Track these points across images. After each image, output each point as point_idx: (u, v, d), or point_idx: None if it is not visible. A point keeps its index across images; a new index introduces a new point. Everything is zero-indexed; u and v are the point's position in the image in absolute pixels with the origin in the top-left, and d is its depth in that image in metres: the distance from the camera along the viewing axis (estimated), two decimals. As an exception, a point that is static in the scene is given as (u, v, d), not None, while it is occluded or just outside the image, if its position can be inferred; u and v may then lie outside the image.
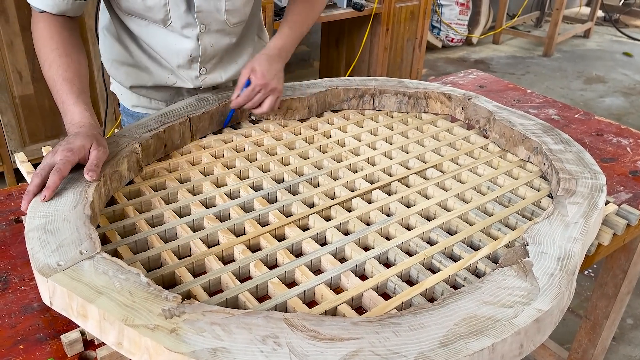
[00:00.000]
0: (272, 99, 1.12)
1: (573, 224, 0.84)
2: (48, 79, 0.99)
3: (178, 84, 1.21)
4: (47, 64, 0.98)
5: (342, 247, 0.84)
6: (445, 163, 1.09)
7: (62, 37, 1.01)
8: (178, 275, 0.77)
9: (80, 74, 0.99)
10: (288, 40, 1.18)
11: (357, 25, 3.29)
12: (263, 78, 1.10)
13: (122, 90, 1.30)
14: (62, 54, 0.99)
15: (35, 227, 0.77)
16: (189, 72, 1.19)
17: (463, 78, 1.66)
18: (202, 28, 1.13)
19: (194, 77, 1.20)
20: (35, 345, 0.69)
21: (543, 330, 0.69)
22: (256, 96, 1.11)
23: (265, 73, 1.10)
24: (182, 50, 1.15)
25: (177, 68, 1.18)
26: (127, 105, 1.31)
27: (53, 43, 0.99)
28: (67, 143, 0.86)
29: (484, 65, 4.69)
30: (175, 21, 1.10)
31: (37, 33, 1.02)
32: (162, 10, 1.08)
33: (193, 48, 1.15)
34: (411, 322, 0.65)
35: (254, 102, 1.12)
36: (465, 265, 0.81)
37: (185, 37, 1.13)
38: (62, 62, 0.98)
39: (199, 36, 1.13)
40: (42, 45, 1.00)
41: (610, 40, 5.63)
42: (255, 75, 1.10)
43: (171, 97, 1.28)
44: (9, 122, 2.38)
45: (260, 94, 1.11)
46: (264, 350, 0.60)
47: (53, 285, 0.68)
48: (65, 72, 0.97)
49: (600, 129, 1.37)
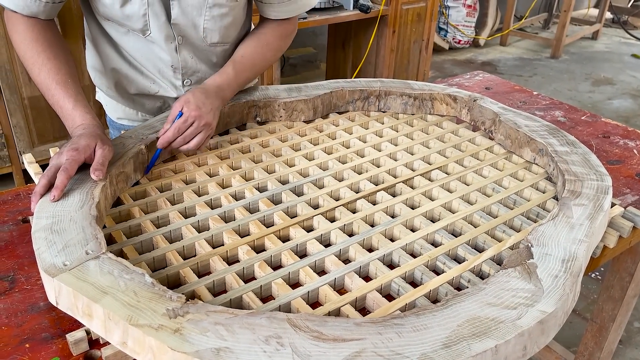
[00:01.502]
0: (203, 136, 1.00)
1: (578, 226, 0.84)
2: (40, 84, 0.97)
3: (160, 92, 1.17)
4: (37, 69, 0.96)
5: (347, 248, 0.84)
6: (450, 165, 1.09)
7: (46, 38, 0.98)
8: (183, 275, 0.78)
9: (72, 74, 0.97)
10: (228, 81, 1.07)
11: (364, 27, 3.29)
12: (197, 110, 0.99)
13: (107, 101, 1.26)
14: (50, 57, 0.96)
15: (42, 227, 0.77)
16: (172, 81, 1.16)
17: (469, 80, 1.66)
18: (179, 40, 1.09)
19: (178, 85, 1.16)
20: (41, 344, 0.70)
21: (547, 332, 0.69)
22: (188, 130, 0.99)
23: (200, 105, 0.99)
24: (163, 60, 1.11)
25: (159, 77, 1.15)
26: (113, 117, 1.28)
27: (38, 46, 0.97)
28: (72, 143, 0.87)
29: (491, 67, 4.68)
30: (155, 32, 1.06)
31: (18, 36, 0.98)
32: (141, 20, 1.04)
33: (173, 59, 1.11)
34: (414, 323, 0.65)
35: (185, 136, 0.99)
36: (469, 267, 0.81)
37: (165, 48, 1.09)
38: (52, 66, 0.96)
39: (177, 48, 1.10)
40: (26, 48, 0.97)
41: (619, 42, 5.60)
42: (188, 107, 0.99)
43: (158, 109, 1.24)
44: (17, 123, 2.40)
45: (192, 127, 0.98)
46: (267, 351, 0.60)
47: (59, 285, 0.68)
48: (57, 75, 0.95)
49: (607, 131, 1.37)
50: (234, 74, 1.09)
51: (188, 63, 1.13)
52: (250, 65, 1.12)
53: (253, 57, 1.13)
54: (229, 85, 1.08)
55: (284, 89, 1.26)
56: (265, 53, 1.15)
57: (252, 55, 1.12)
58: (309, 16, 2.84)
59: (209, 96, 1.03)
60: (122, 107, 1.24)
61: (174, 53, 1.10)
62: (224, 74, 1.08)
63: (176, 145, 1.00)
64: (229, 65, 1.10)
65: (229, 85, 1.08)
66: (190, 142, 0.99)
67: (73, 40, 2.37)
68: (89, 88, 1.31)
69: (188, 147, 1.00)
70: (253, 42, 1.14)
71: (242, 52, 1.12)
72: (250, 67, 1.12)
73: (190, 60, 1.13)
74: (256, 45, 1.14)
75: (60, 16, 2.28)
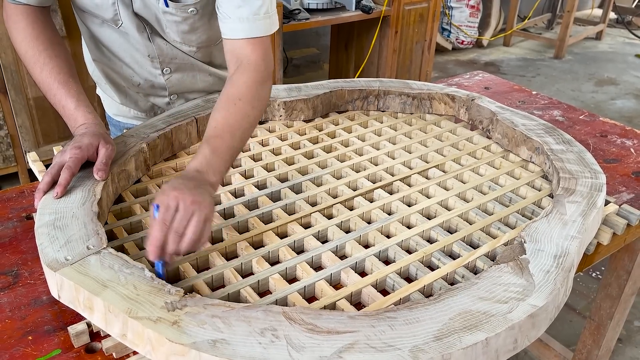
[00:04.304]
0: (198, 218, 0.74)
1: (571, 223, 0.85)
2: (41, 83, 0.97)
3: (142, 84, 1.16)
4: (38, 67, 0.96)
5: (343, 245, 0.86)
6: (447, 163, 1.11)
7: (46, 35, 0.98)
8: (182, 270, 0.79)
9: (73, 74, 0.98)
10: (207, 161, 0.84)
11: (366, 28, 3.31)
12: (176, 190, 0.75)
13: (104, 96, 1.27)
14: (51, 55, 0.96)
15: (44, 223, 0.79)
16: (151, 71, 1.14)
17: (469, 79, 1.67)
18: (149, 29, 1.06)
19: (157, 74, 1.14)
20: (44, 336, 0.72)
21: (538, 325, 0.70)
22: (176, 218, 0.73)
23: (177, 187, 0.76)
24: (139, 50, 1.09)
25: (137, 68, 1.13)
26: (110, 112, 1.29)
27: (40, 44, 0.97)
28: (75, 142, 0.89)
29: (494, 68, 4.68)
30: (126, 22, 1.03)
31: (19, 33, 0.97)
32: (110, 10, 1.01)
33: (148, 48, 1.09)
34: (407, 316, 0.66)
35: (177, 229, 0.73)
36: (463, 263, 0.82)
37: (138, 38, 1.07)
38: (54, 65, 0.96)
39: (150, 37, 1.07)
40: (27, 47, 0.97)
41: (623, 43, 5.59)
42: (163, 193, 0.75)
43: (150, 109, 1.24)
44: (23, 123, 2.43)
45: (180, 212, 0.73)
46: (262, 342, 0.62)
47: (61, 279, 0.70)
48: (58, 74, 0.96)
49: (604, 130, 1.38)
50: (211, 151, 0.86)
51: (164, 50, 1.10)
52: (229, 132, 0.89)
53: (229, 122, 0.90)
54: (209, 166, 0.84)
55: (283, 89, 1.28)
56: (242, 109, 0.92)
57: (227, 120, 0.91)
58: (312, 17, 2.86)
59: (186, 180, 0.80)
60: (116, 103, 1.24)
61: (147, 42, 1.08)
62: (200, 157, 0.85)
63: (172, 247, 0.73)
64: (204, 144, 0.87)
65: (210, 166, 0.84)
66: (186, 234, 0.73)
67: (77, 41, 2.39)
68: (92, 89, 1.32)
69: (188, 242, 0.73)
70: (222, 104, 0.93)
71: (213, 122, 0.91)
72: (230, 134, 0.89)
73: (165, 47, 1.10)
74: (227, 106, 0.92)
75: (65, 17, 2.31)
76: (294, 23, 2.78)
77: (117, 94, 1.21)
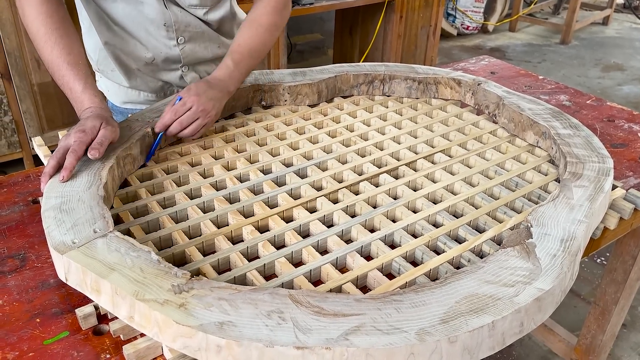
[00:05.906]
0: (199, 123, 1.01)
1: (578, 207, 0.85)
2: (50, 63, 0.97)
3: (156, 60, 1.18)
4: (49, 47, 0.96)
5: (349, 229, 0.86)
6: (453, 148, 1.10)
7: (59, 15, 0.98)
8: (188, 254, 0.80)
9: (82, 56, 0.98)
10: (229, 73, 1.08)
11: (371, 13, 3.28)
12: (196, 96, 1.00)
13: (109, 85, 1.27)
14: (62, 35, 0.97)
15: (51, 206, 0.79)
16: (165, 42, 1.16)
17: (474, 64, 1.66)
18: None
19: (171, 46, 1.17)
20: (51, 319, 0.72)
21: (544, 309, 0.70)
22: (185, 114, 0.99)
23: (200, 93, 1.01)
24: (154, 21, 1.12)
25: (152, 40, 1.15)
26: (116, 102, 1.29)
27: (52, 22, 0.96)
28: (80, 125, 0.89)
29: (500, 53, 4.65)
30: None
31: (32, 10, 0.96)
32: None
33: (165, 16, 1.12)
34: (413, 299, 0.67)
35: (182, 121, 0.99)
36: (469, 247, 0.82)
37: (154, 4, 1.10)
38: (64, 45, 0.96)
39: (166, 3, 1.11)
40: (40, 24, 0.96)
41: (630, 28, 5.53)
42: (188, 93, 1.01)
43: (160, 89, 1.26)
44: (27, 109, 2.43)
45: (190, 112, 0.99)
46: (268, 325, 0.62)
47: (68, 262, 0.70)
48: (68, 55, 0.96)
49: (611, 114, 1.37)
50: (234, 65, 1.08)
51: (179, 17, 1.14)
52: (248, 52, 1.10)
53: (249, 43, 1.11)
54: (230, 77, 1.07)
55: (288, 73, 1.27)
56: (261, 35, 1.13)
57: (248, 41, 1.11)
58: (316, 2, 2.84)
59: (210, 87, 1.03)
60: (125, 89, 1.25)
61: (164, 9, 1.11)
62: (223, 67, 1.08)
63: (173, 130, 1.00)
64: (227, 57, 1.09)
65: (231, 77, 1.07)
66: (186, 129, 1.00)
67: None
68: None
69: (184, 133, 1.01)
70: (246, 27, 1.13)
71: (237, 40, 1.12)
72: (249, 54, 1.11)
73: (180, 13, 1.13)
74: (250, 29, 1.12)
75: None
76: (298, 8, 2.76)
77: (127, 77, 1.21)
